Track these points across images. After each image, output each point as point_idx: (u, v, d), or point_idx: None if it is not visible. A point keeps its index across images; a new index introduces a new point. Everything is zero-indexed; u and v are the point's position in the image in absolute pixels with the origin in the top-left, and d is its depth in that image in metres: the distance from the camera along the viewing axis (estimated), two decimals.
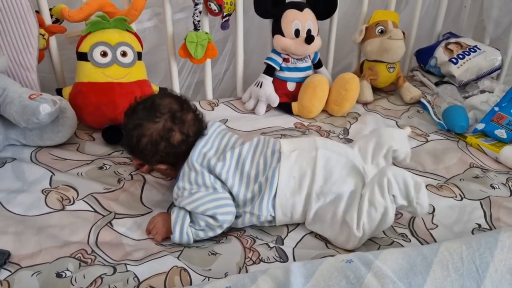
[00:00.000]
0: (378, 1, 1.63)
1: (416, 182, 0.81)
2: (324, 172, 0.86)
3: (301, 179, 0.85)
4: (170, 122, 0.85)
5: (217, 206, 0.82)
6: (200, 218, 0.82)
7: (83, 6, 1.14)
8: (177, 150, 0.86)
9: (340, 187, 0.85)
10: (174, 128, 0.85)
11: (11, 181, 0.95)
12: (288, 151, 0.88)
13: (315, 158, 0.87)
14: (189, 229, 0.82)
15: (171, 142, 0.85)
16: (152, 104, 0.86)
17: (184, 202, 0.83)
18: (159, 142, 0.85)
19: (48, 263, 0.75)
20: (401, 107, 1.43)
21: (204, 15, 1.29)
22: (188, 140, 0.87)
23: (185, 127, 0.86)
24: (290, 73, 1.36)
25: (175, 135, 0.85)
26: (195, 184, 0.84)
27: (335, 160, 0.88)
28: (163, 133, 0.85)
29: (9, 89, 1.00)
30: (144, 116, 0.85)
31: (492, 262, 0.66)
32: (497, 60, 1.49)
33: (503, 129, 1.18)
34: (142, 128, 0.85)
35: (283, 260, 0.80)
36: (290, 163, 0.86)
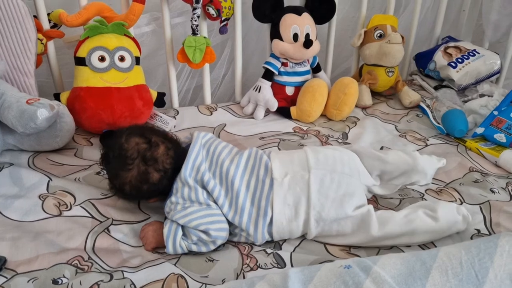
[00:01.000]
0: (376, 5, 1.64)
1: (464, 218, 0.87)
2: (319, 196, 0.84)
3: (297, 206, 0.84)
4: (143, 166, 0.83)
5: (210, 222, 0.80)
6: (192, 232, 0.80)
7: (81, 11, 1.14)
8: (160, 186, 0.85)
9: (337, 210, 0.83)
10: (149, 170, 0.84)
11: (8, 187, 0.95)
12: (280, 177, 0.86)
13: (308, 182, 0.85)
14: (182, 242, 0.81)
15: (152, 183, 0.84)
16: (120, 151, 0.84)
17: (176, 216, 0.82)
18: (140, 186, 0.84)
19: (45, 270, 0.75)
20: (400, 111, 1.43)
21: (203, 19, 1.29)
22: (167, 173, 0.85)
23: (159, 164, 0.84)
24: (288, 78, 1.36)
25: (153, 175, 0.84)
26: (188, 200, 0.83)
27: (329, 180, 0.85)
28: (141, 178, 0.83)
29: (7, 94, 0.99)
30: (118, 166, 0.84)
31: (491, 267, 0.65)
32: (496, 64, 1.49)
33: (502, 133, 1.17)
34: (120, 177, 0.84)
35: (280, 266, 0.80)
36: (283, 190, 0.84)
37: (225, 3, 1.30)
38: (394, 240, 0.84)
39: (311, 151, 0.91)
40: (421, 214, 0.85)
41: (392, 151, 0.98)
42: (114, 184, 0.87)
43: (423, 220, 0.84)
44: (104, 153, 0.88)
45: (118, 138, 0.86)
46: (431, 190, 1.03)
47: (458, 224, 0.86)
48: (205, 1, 1.22)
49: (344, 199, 0.84)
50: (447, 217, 0.85)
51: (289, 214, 0.84)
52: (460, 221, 0.86)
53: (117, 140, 0.86)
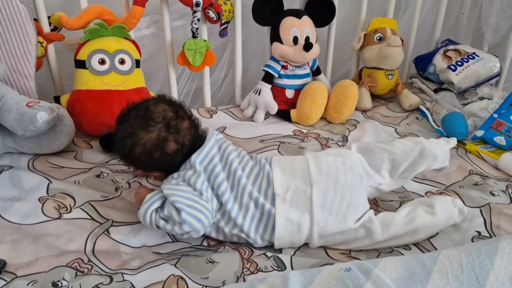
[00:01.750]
0: (376, 9, 1.64)
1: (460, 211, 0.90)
2: (322, 211, 0.82)
3: (300, 222, 0.83)
4: (164, 132, 0.82)
5: (188, 205, 0.79)
6: (167, 207, 0.79)
7: (81, 14, 1.15)
8: (172, 159, 0.83)
9: (341, 223, 0.83)
10: (168, 138, 0.82)
11: (8, 189, 0.94)
12: (282, 192, 0.84)
13: (311, 197, 0.83)
14: (153, 213, 0.81)
15: (166, 152, 0.82)
16: (146, 111, 0.83)
17: (166, 186, 0.82)
18: (153, 152, 0.82)
19: (44, 272, 0.75)
20: (400, 114, 1.43)
21: (203, 22, 1.29)
22: (183, 149, 0.83)
23: (180, 136, 0.83)
24: (288, 80, 1.36)
25: (170, 144, 0.82)
26: (186, 182, 0.82)
27: (332, 193, 0.84)
28: (158, 143, 0.81)
29: (7, 96, 0.99)
30: (137, 125, 0.82)
31: (492, 270, 0.65)
32: (495, 67, 1.49)
33: (502, 136, 1.17)
34: (135, 137, 0.81)
35: (281, 269, 0.80)
36: (286, 206, 0.83)
37: (225, 6, 1.30)
38: (397, 240, 0.85)
39: (312, 160, 0.88)
40: (421, 211, 0.86)
41: (397, 141, 0.96)
42: (124, 142, 0.82)
43: (423, 217, 0.85)
44: (126, 113, 0.85)
45: (145, 101, 0.85)
46: (431, 193, 1.03)
47: (454, 216, 0.89)
48: (205, 4, 1.22)
49: (348, 212, 0.83)
50: (444, 211, 0.87)
51: (291, 229, 0.83)
52: (456, 213, 0.89)
53: (144, 103, 0.85)
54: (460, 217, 0.90)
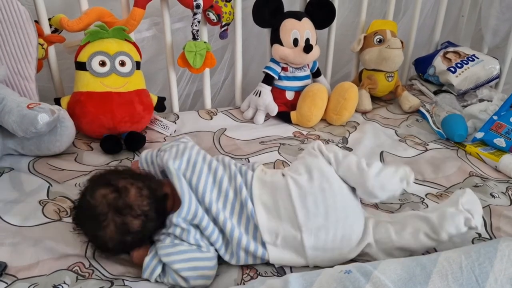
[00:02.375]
0: (376, 11, 1.64)
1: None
2: (316, 253, 0.79)
3: (295, 262, 0.80)
4: (118, 217, 0.75)
5: (193, 267, 0.75)
6: (171, 275, 0.75)
7: (82, 16, 1.15)
8: (145, 230, 0.77)
9: (337, 256, 0.80)
10: (126, 220, 0.75)
11: (9, 192, 0.95)
12: (272, 239, 0.79)
13: (302, 243, 0.78)
14: (158, 279, 0.77)
15: (134, 231, 0.76)
16: (89, 210, 0.76)
17: (162, 251, 0.76)
18: (124, 239, 0.76)
19: (45, 276, 0.75)
20: (400, 116, 1.44)
21: (203, 24, 1.29)
22: (149, 215, 0.77)
23: (136, 210, 0.75)
24: (288, 82, 1.37)
25: (133, 223, 0.75)
26: (178, 239, 0.78)
27: (324, 234, 0.78)
28: (121, 231, 0.75)
29: (8, 98, 0.99)
30: (92, 228, 0.77)
31: (491, 272, 0.65)
32: (495, 69, 1.49)
33: (502, 138, 1.17)
34: (99, 238, 0.76)
35: (280, 274, 0.80)
36: (278, 250, 0.79)
37: (226, 8, 1.30)
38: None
39: (298, 197, 0.80)
40: (423, 238, 0.80)
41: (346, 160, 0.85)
42: (97, 245, 0.80)
43: (423, 244, 0.80)
44: (75, 216, 0.80)
45: (83, 195, 0.78)
46: (431, 195, 1.03)
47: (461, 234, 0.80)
48: (206, 6, 1.23)
49: (343, 246, 0.79)
50: (450, 234, 0.79)
51: (282, 261, 0.80)
52: (464, 232, 0.80)
53: (83, 198, 0.78)
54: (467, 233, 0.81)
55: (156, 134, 1.25)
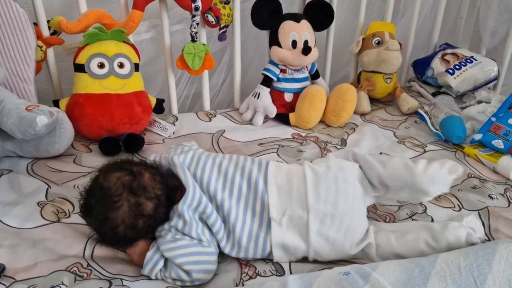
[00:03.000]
0: (374, 13, 1.65)
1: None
2: (319, 239, 0.79)
3: (296, 248, 0.80)
4: (132, 198, 0.76)
5: (195, 261, 0.76)
6: (174, 269, 0.75)
7: (81, 18, 1.15)
8: (157, 216, 0.78)
9: (338, 251, 0.80)
10: (140, 201, 0.76)
11: (7, 193, 0.95)
12: (278, 217, 0.80)
13: (307, 225, 0.79)
14: (159, 273, 0.77)
15: (147, 214, 0.77)
16: (102, 191, 0.76)
17: (164, 246, 0.76)
18: (136, 222, 0.76)
19: (43, 277, 0.75)
20: (398, 118, 1.44)
21: (202, 26, 1.29)
22: (161, 200, 0.78)
23: (150, 192, 0.77)
24: (287, 84, 1.37)
25: (146, 205, 0.76)
26: (180, 232, 0.78)
27: (330, 221, 0.80)
28: (134, 212, 0.76)
29: (6, 100, 1.00)
30: (104, 209, 0.76)
31: (490, 273, 0.66)
32: (493, 71, 1.50)
33: (500, 140, 1.18)
34: (110, 221, 0.76)
35: (279, 274, 0.80)
36: (282, 232, 0.80)
37: (224, 10, 1.31)
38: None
39: (312, 181, 0.83)
40: (422, 244, 0.80)
41: (391, 162, 0.87)
42: (104, 232, 0.78)
43: (422, 251, 0.80)
44: (84, 204, 0.79)
45: (96, 180, 0.79)
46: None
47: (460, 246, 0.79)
48: (204, 9, 1.23)
49: (346, 239, 0.80)
50: (449, 243, 0.79)
51: (288, 253, 0.81)
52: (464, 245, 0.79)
53: (95, 182, 0.78)
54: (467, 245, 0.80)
55: (154, 135, 1.25)
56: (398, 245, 0.80)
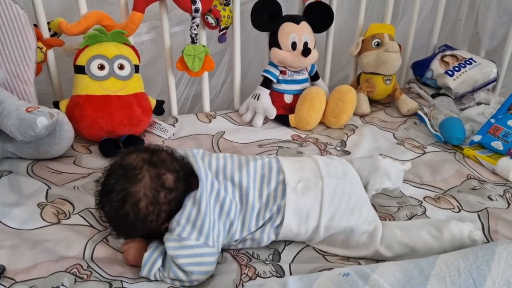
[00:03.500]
0: (374, 14, 1.65)
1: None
2: (331, 204, 0.84)
3: (308, 212, 0.83)
4: (153, 169, 0.76)
5: (197, 263, 0.76)
6: (172, 269, 0.75)
7: (81, 20, 1.15)
8: (177, 192, 0.78)
9: (348, 220, 0.84)
10: (161, 172, 0.76)
11: (7, 194, 0.95)
12: (294, 183, 0.84)
13: (322, 190, 0.84)
14: (158, 273, 0.77)
15: (168, 186, 0.76)
16: (123, 168, 0.77)
17: (169, 244, 0.76)
18: (157, 195, 0.75)
19: (43, 278, 0.75)
20: (398, 119, 1.44)
21: (202, 28, 1.30)
22: (180, 174, 0.78)
23: (169, 165, 0.78)
24: (287, 86, 1.37)
25: (167, 176, 0.77)
26: (189, 225, 0.76)
27: (341, 191, 0.86)
28: (155, 183, 0.75)
29: (6, 102, 1.00)
30: (125, 183, 0.75)
31: (489, 274, 0.66)
32: (492, 72, 1.50)
33: (499, 141, 1.18)
34: (132, 194, 0.74)
35: (279, 275, 0.80)
36: (297, 196, 0.83)
37: (224, 12, 1.31)
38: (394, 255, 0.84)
39: (321, 160, 0.91)
40: (425, 234, 0.83)
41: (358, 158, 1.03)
42: (125, 211, 0.75)
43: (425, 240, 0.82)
44: (102, 187, 0.78)
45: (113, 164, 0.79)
46: (429, 198, 1.03)
47: (464, 245, 0.81)
48: (204, 10, 1.23)
49: (354, 211, 0.85)
50: (452, 241, 0.82)
51: (299, 220, 0.83)
52: (467, 244, 0.82)
53: (113, 166, 0.79)
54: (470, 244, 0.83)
55: (154, 137, 1.25)
56: (401, 235, 0.84)
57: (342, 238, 0.84)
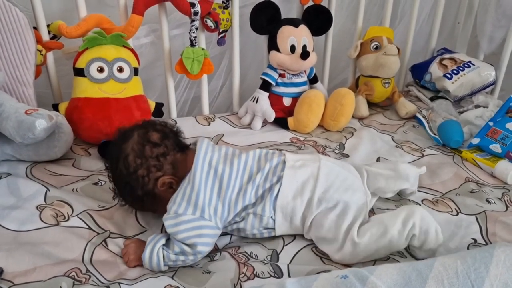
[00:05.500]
0: (373, 18, 1.66)
1: (437, 235, 0.83)
2: (326, 179, 0.88)
3: (304, 184, 0.87)
4: (141, 129, 0.86)
5: (198, 235, 0.79)
6: (176, 244, 0.79)
7: (80, 23, 1.16)
8: (165, 149, 0.85)
9: (341, 195, 0.87)
10: (148, 130, 0.86)
11: (6, 197, 0.95)
12: (293, 161, 0.91)
13: (318, 167, 0.90)
14: (160, 251, 0.79)
15: (153, 141, 0.85)
16: (120, 134, 0.87)
17: (167, 222, 0.80)
18: (143, 148, 0.83)
19: (42, 282, 0.74)
20: (396, 122, 1.44)
21: (201, 31, 1.30)
22: (169, 137, 0.87)
23: (157, 126, 0.88)
24: (286, 88, 1.37)
25: (152, 133, 0.86)
26: (185, 202, 0.81)
27: (337, 171, 0.91)
28: (141, 138, 0.84)
29: (6, 104, 1.00)
30: (119, 144, 0.86)
31: (487, 277, 0.66)
32: (491, 76, 1.50)
33: (497, 144, 1.18)
34: (121, 151, 0.84)
35: (278, 275, 0.80)
36: (294, 169, 0.89)
37: (223, 15, 1.31)
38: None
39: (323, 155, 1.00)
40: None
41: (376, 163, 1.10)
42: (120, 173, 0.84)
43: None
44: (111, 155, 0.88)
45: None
46: (427, 201, 1.03)
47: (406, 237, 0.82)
48: (204, 13, 1.24)
49: (348, 190, 0.88)
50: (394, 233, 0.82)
51: (295, 189, 0.87)
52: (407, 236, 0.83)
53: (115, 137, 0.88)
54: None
55: None
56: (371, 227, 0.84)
57: (337, 198, 0.86)
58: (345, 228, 0.83)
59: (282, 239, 0.89)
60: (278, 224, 0.86)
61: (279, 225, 0.87)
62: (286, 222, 0.87)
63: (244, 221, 0.86)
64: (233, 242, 0.90)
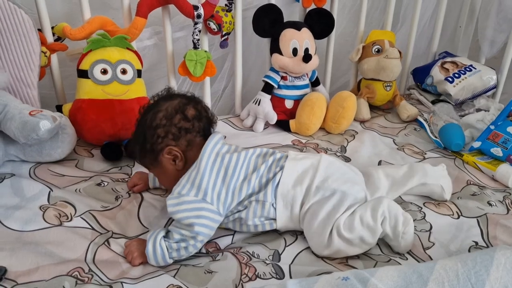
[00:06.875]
0: (374, 21, 1.66)
1: (405, 218, 0.85)
2: (326, 170, 0.91)
3: (304, 173, 0.90)
4: (185, 100, 0.90)
5: (198, 216, 0.81)
6: (175, 231, 0.81)
7: (84, 25, 1.17)
8: (190, 126, 0.88)
9: (340, 185, 0.89)
10: (189, 104, 0.89)
11: (9, 197, 0.95)
12: (295, 154, 0.94)
13: (319, 159, 0.92)
14: (162, 242, 0.81)
15: (186, 116, 0.88)
16: (170, 94, 0.92)
17: (169, 201, 0.83)
18: (174, 114, 0.87)
19: (45, 281, 0.75)
20: (398, 125, 1.45)
21: (204, 34, 1.31)
22: (201, 120, 0.89)
23: (199, 106, 0.91)
24: (288, 91, 1.38)
25: (190, 109, 0.89)
26: (189, 184, 0.84)
27: (338, 165, 0.94)
28: (179, 106, 0.88)
29: (10, 105, 1.01)
30: (160, 100, 0.90)
31: (488, 280, 0.66)
32: (492, 79, 1.51)
33: (499, 147, 1.18)
34: (158, 106, 0.88)
35: (279, 276, 0.80)
36: (296, 160, 0.92)
37: (226, 18, 1.32)
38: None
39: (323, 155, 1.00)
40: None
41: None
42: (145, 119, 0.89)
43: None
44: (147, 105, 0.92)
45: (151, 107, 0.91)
46: (429, 203, 1.03)
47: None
48: (207, 16, 1.24)
49: (347, 183, 0.90)
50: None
51: (295, 178, 0.89)
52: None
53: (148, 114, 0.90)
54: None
55: None
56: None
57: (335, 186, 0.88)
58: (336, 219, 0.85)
59: (284, 240, 0.89)
60: (279, 213, 0.88)
61: (280, 214, 0.88)
62: (286, 211, 0.88)
63: (246, 210, 0.87)
64: (235, 243, 0.90)
